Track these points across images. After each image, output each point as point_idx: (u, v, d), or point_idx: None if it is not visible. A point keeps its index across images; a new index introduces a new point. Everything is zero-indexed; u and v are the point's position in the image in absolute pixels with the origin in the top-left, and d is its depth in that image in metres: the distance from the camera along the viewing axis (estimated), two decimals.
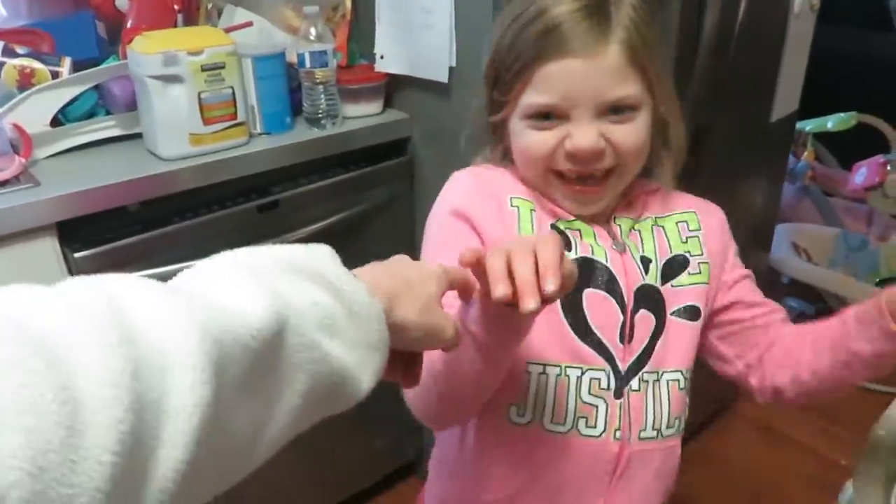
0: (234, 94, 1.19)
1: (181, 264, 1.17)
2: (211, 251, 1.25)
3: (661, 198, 0.79)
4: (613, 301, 0.71)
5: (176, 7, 1.31)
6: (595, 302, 0.70)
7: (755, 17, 1.34)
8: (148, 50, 1.11)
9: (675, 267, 0.75)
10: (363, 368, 0.45)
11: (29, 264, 1.04)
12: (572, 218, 0.73)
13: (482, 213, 0.71)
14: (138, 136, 1.22)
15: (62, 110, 1.18)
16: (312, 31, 1.27)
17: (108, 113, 1.26)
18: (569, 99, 0.66)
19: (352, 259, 1.62)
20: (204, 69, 1.15)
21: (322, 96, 1.29)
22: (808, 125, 2.44)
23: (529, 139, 0.69)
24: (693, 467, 1.85)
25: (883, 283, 2.23)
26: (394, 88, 1.41)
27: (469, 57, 1.22)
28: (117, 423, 0.29)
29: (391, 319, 0.48)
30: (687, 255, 0.76)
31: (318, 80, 1.28)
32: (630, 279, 0.72)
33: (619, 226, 0.74)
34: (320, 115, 1.30)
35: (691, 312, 0.74)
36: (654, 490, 0.76)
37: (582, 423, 0.70)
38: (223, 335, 0.36)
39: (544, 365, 0.69)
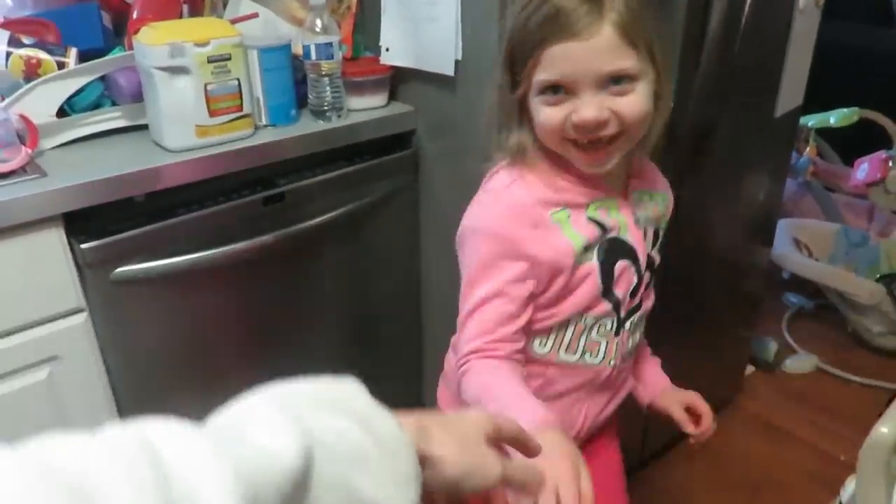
0: (239, 85, 1.19)
1: (186, 256, 1.18)
2: (216, 243, 1.26)
3: (651, 169, 0.93)
4: (633, 269, 0.88)
5: None
6: (621, 270, 0.87)
7: (760, 13, 1.34)
8: (154, 41, 1.11)
9: (656, 237, 0.93)
10: (395, 502, 0.44)
11: (35, 255, 1.04)
12: (603, 195, 0.85)
13: (528, 240, 0.81)
14: (144, 127, 1.22)
15: (68, 101, 1.18)
16: (318, 22, 1.26)
17: (114, 104, 1.26)
18: (572, 76, 0.76)
19: (356, 251, 1.61)
20: (210, 61, 1.15)
21: (327, 88, 1.29)
22: (811, 120, 2.44)
23: (543, 114, 0.79)
24: (693, 463, 1.86)
25: (883, 278, 2.23)
26: (399, 81, 1.41)
27: (474, 50, 1.22)
28: None
29: (424, 453, 0.47)
30: (660, 229, 0.93)
31: (323, 73, 1.28)
32: (642, 249, 0.89)
33: (634, 195, 0.88)
34: (325, 108, 1.30)
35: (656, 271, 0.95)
36: (619, 392, 0.98)
37: (588, 354, 0.90)
38: (256, 477, 0.36)
39: (571, 317, 0.86)
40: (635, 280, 0.88)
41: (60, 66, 1.17)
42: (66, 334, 1.11)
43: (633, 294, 0.89)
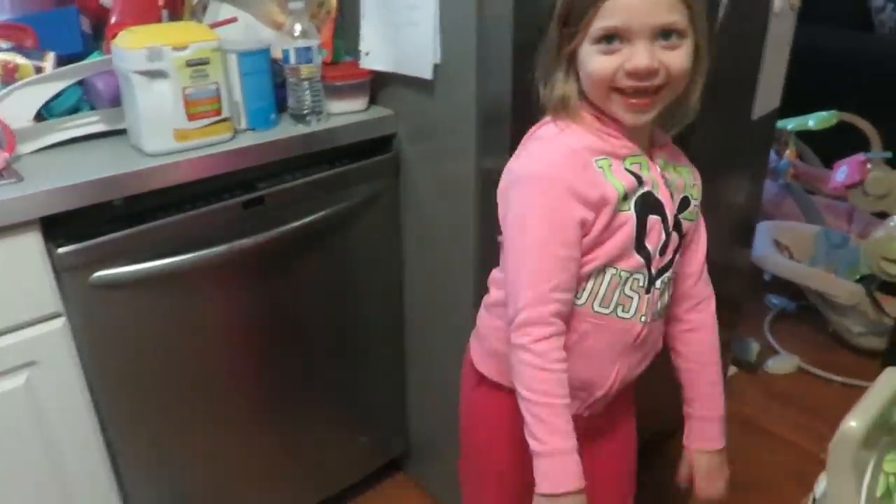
0: (218, 89, 1.19)
1: (166, 259, 1.18)
2: (195, 247, 1.26)
3: (673, 148, 0.99)
4: (662, 225, 0.92)
5: (160, 2, 1.30)
6: (652, 224, 0.91)
7: (736, 17, 1.36)
8: (132, 45, 1.11)
9: (683, 205, 0.97)
10: None
11: (13, 259, 1.04)
12: (639, 153, 0.91)
13: (579, 181, 0.86)
14: (123, 131, 1.22)
15: (46, 106, 1.18)
16: (297, 27, 1.27)
17: (92, 108, 1.26)
18: (630, 24, 0.81)
19: (338, 254, 1.61)
20: (188, 64, 1.15)
21: (307, 93, 1.30)
22: (790, 124, 2.46)
23: (597, 62, 0.84)
24: (675, 465, 1.87)
25: (862, 279, 2.26)
26: (379, 85, 1.41)
27: (453, 54, 1.22)
28: None
29: None
30: (690, 197, 0.98)
31: (303, 77, 1.28)
32: (670, 208, 0.93)
33: (659, 162, 0.94)
34: (305, 112, 1.31)
35: (685, 238, 0.99)
36: (650, 353, 1.01)
37: (620, 308, 0.93)
38: None
39: (606, 266, 0.90)
40: (664, 237, 0.93)
41: (38, 70, 1.17)
42: (44, 339, 1.11)
43: (662, 252, 0.94)
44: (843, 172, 2.36)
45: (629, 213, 0.88)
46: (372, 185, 1.42)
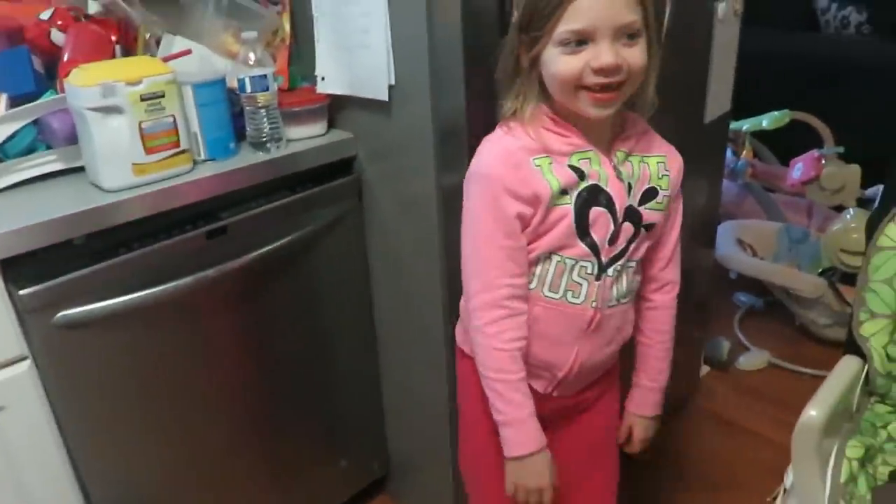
0: (175, 122, 1.20)
1: (131, 295, 1.17)
2: (160, 280, 1.25)
3: (648, 138, 1.04)
4: (609, 216, 0.97)
5: (113, 38, 1.31)
6: (596, 216, 0.96)
7: (681, 23, 1.39)
8: (85, 82, 1.11)
9: (648, 195, 1.01)
10: None
11: None
12: (587, 148, 0.96)
13: (511, 179, 0.94)
14: (80, 169, 1.21)
15: (1, 147, 1.17)
16: (252, 55, 1.28)
17: (48, 147, 1.25)
18: (594, 25, 0.87)
19: (306, 278, 1.62)
20: (143, 98, 1.15)
21: (265, 120, 1.30)
22: (745, 125, 2.52)
23: (563, 63, 0.89)
24: (654, 467, 1.89)
25: (824, 272, 2.31)
26: (337, 109, 1.43)
27: (407, 74, 1.24)
28: None
29: None
30: (658, 188, 1.02)
31: (259, 105, 1.29)
32: (621, 201, 0.98)
33: (616, 156, 0.98)
34: (264, 139, 1.31)
35: (651, 228, 1.03)
36: (614, 338, 1.07)
37: (570, 294, 1.00)
38: None
39: (551, 254, 0.97)
40: (612, 227, 0.98)
41: None
42: (11, 384, 1.09)
43: (612, 241, 0.99)
44: (799, 169, 2.41)
45: (567, 207, 0.95)
46: (335, 207, 1.43)
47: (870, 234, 1.13)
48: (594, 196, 0.96)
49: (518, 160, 0.94)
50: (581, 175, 0.95)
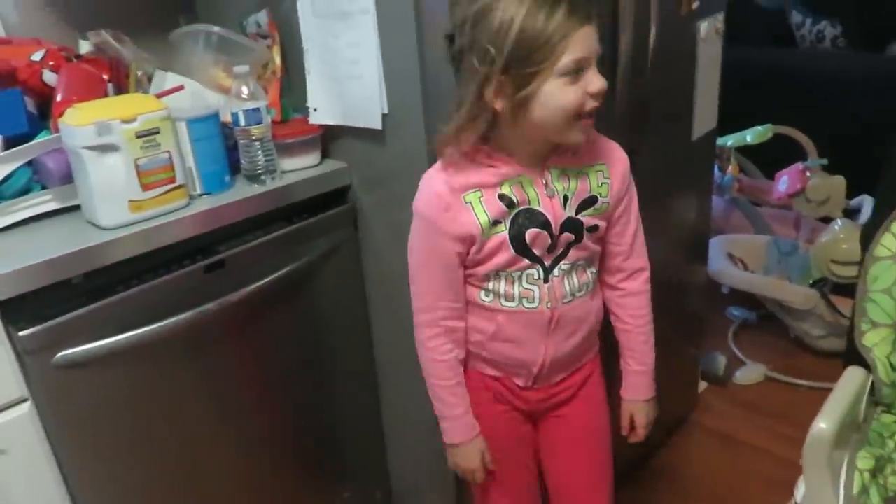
0: (171, 157, 1.20)
1: (130, 333, 1.17)
2: (159, 317, 1.25)
3: (588, 145, 1.06)
4: (546, 232, 1.03)
5: (105, 77, 1.31)
6: (533, 235, 1.03)
7: (666, 43, 1.42)
8: (80, 121, 1.11)
9: (587, 203, 1.06)
10: None
11: None
12: (516, 175, 1.01)
13: (442, 220, 1.02)
14: (77, 208, 1.21)
15: None
16: (244, 89, 1.29)
17: (43, 188, 1.25)
18: (589, 51, 0.92)
19: (304, 309, 1.62)
20: (138, 136, 1.15)
21: (259, 153, 1.31)
22: (729, 140, 2.55)
23: (568, 94, 0.93)
24: (656, 482, 1.89)
25: (815, 283, 2.33)
26: (330, 139, 1.43)
27: (399, 102, 1.25)
28: None
29: None
30: (598, 196, 1.07)
31: (254, 137, 1.30)
32: (556, 215, 1.04)
33: (551, 173, 1.03)
34: (259, 172, 1.32)
35: (594, 229, 1.08)
36: (578, 329, 1.13)
37: (524, 301, 1.07)
38: None
39: (498, 271, 1.06)
40: (549, 241, 1.04)
41: None
42: (11, 426, 1.08)
43: (552, 250, 1.05)
44: (784, 182, 2.44)
45: (502, 235, 1.02)
46: (331, 237, 1.43)
47: (865, 244, 1.15)
48: (528, 219, 1.02)
49: (447, 202, 1.01)
50: (511, 203, 1.01)
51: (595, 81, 0.93)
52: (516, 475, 1.24)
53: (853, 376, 1.00)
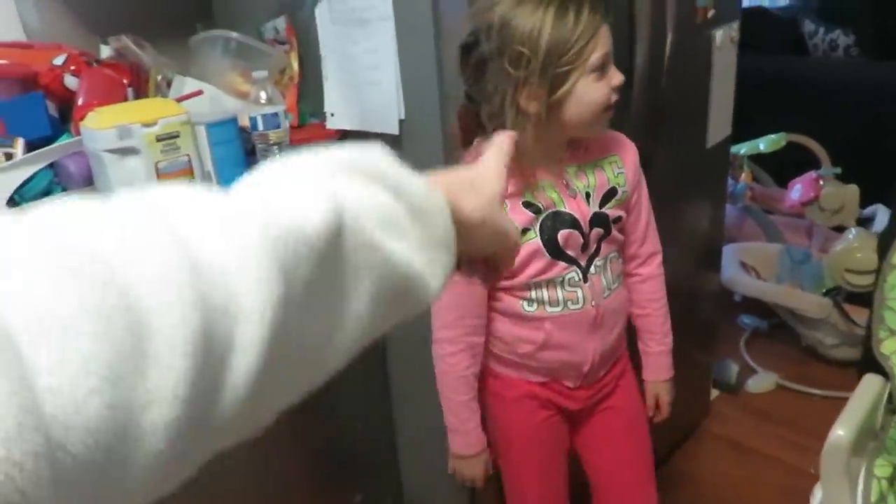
0: (190, 161, 1.21)
1: None
2: None
3: (599, 144, 1.09)
4: (577, 232, 1.06)
5: (125, 81, 1.33)
6: (566, 236, 1.05)
7: (682, 51, 1.43)
8: (101, 125, 1.13)
9: (609, 195, 1.09)
10: (430, 269, 0.43)
11: None
12: (536, 180, 1.03)
13: None
14: None
15: (18, 191, 1.18)
16: (262, 94, 1.30)
17: (64, 190, 1.26)
18: (609, 47, 0.97)
19: None
20: (159, 139, 1.17)
21: (277, 157, 1.32)
22: (743, 148, 2.55)
23: (599, 90, 0.97)
24: (667, 491, 1.88)
25: (829, 292, 2.32)
26: (347, 143, 1.44)
27: (417, 107, 1.26)
28: (186, 327, 0.28)
29: (455, 216, 0.46)
30: (617, 186, 1.10)
31: (272, 142, 1.31)
32: (583, 213, 1.06)
33: (568, 172, 1.06)
34: None
35: (619, 220, 1.12)
36: (619, 321, 1.17)
37: (569, 302, 1.09)
38: (286, 234, 0.33)
39: (538, 279, 1.06)
40: (582, 240, 1.06)
41: (8, 156, 1.18)
42: None
43: (585, 248, 1.08)
44: (797, 191, 2.44)
45: (534, 242, 1.03)
46: None
47: (882, 253, 1.15)
48: (556, 221, 1.04)
49: None
50: (537, 210, 1.03)
51: (616, 75, 0.98)
52: (556, 481, 1.26)
53: (871, 384, 0.99)
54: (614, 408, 1.23)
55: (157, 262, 0.29)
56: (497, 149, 0.57)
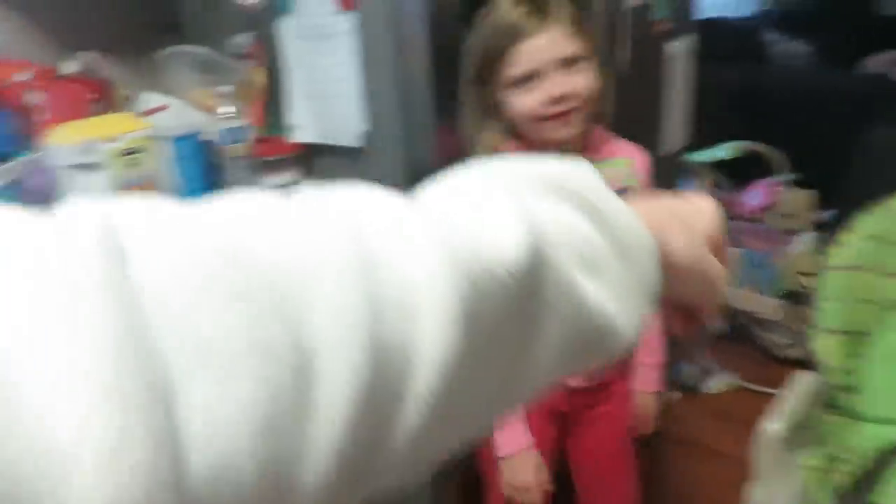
0: (154, 175, 1.23)
1: None
2: None
3: (613, 144, 1.14)
4: None
5: (90, 97, 1.34)
6: None
7: (637, 63, 1.47)
8: (65, 140, 1.15)
9: (621, 196, 1.03)
10: (627, 318, 0.36)
11: None
12: None
13: None
14: None
15: None
16: (228, 108, 1.33)
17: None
18: (536, 64, 0.98)
19: None
20: (123, 154, 1.19)
21: (242, 170, 1.34)
22: (703, 156, 2.62)
23: (521, 102, 1.01)
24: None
25: (786, 296, 2.39)
26: (313, 156, 1.47)
27: (380, 120, 1.29)
28: (356, 376, 0.25)
29: (664, 258, 0.39)
30: (628, 187, 1.11)
31: (236, 155, 1.33)
32: None
33: None
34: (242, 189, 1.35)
35: None
36: None
37: None
38: (477, 269, 0.28)
39: None
40: None
41: None
42: None
43: None
44: (756, 196, 2.51)
45: None
46: None
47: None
48: None
49: None
50: None
51: (550, 89, 0.99)
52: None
53: (803, 379, 1.04)
54: (607, 414, 1.27)
55: (336, 290, 0.25)
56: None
